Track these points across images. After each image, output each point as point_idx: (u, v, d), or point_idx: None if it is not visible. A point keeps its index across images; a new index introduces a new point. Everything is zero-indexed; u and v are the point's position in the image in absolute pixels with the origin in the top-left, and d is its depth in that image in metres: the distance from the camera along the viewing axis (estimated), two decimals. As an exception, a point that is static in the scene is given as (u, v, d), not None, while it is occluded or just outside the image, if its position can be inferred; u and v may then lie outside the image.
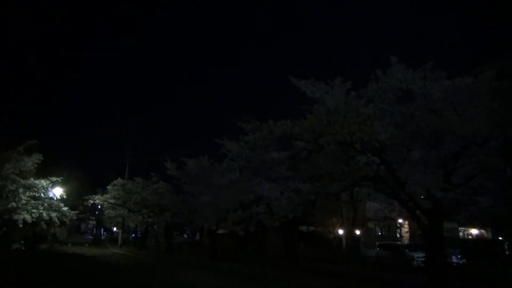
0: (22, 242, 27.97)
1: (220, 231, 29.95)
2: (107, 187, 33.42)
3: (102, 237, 42.27)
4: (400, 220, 30.76)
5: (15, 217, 27.15)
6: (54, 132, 71.80)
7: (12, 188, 26.93)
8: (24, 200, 27.16)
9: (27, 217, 27.27)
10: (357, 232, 30.11)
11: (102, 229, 43.28)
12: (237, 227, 25.26)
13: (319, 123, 13.34)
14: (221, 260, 23.40)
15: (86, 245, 36.95)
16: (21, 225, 28.52)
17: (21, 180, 27.25)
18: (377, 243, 27.45)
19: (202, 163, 25.26)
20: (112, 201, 32.91)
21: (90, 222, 43.85)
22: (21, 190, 27.28)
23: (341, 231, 29.46)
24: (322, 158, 15.24)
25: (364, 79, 13.19)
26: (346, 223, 27.46)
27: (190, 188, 26.35)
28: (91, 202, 35.27)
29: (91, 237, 42.16)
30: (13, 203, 26.73)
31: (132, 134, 70.18)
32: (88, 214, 41.42)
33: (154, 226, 33.46)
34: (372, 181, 14.77)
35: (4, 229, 28.69)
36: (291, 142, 14.81)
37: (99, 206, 37.00)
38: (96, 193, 34.52)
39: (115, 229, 40.67)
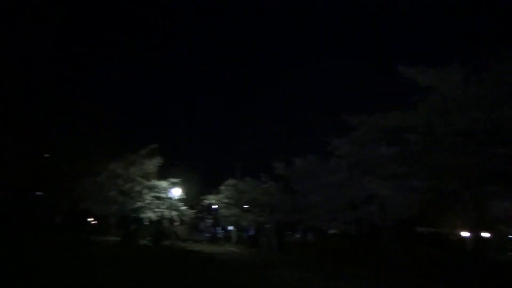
0: (149, 238, 30.42)
1: (332, 231, 29.26)
2: (220, 187, 34.88)
3: (219, 235, 44.26)
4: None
5: (142, 215, 29.76)
6: (172, 137, 77.38)
7: (138, 189, 29.56)
8: (148, 200, 29.61)
9: (152, 216, 29.73)
10: (486, 234, 26.98)
11: (218, 228, 45.33)
12: (349, 227, 24.39)
13: (434, 113, 12.13)
14: (332, 261, 22.76)
15: (204, 242, 39.03)
16: (147, 223, 31.17)
17: (145, 181, 29.76)
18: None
19: (310, 162, 24.95)
20: (225, 200, 34.29)
21: (207, 220, 46.22)
22: (145, 191, 29.81)
23: (465, 233, 26.67)
24: (438, 152, 13.83)
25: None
26: (470, 224, 24.75)
27: (299, 187, 26.22)
28: (207, 202, 37.09)
29: (208, 235, 44.46)
30: (139, 203, 29.34)
31: (242, 136, 72.79)
32: (205, 213, 43.78)
33: (266, 225, 33.96)
34: (500, 177, 12.98)
35: (133, 226, 31.54)
36: (402, 136, 13.72)
37: (214, 206, 38.78)
38: (211, 193, 36.23)
39: (230, 227, 42.27)
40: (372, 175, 20.01)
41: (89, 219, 39.59)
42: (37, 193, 37.41)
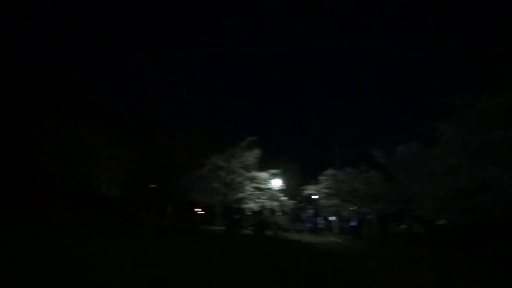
0: (251, 228, 31.41)
1: (441, 222, 27.42)
2: (319, 177, 34.66)
3: (320, 225, 44.10)
4: None
5: (244, 205, 30.81)
6: (271, 128, 78.53)
7: (239, 180, 30.65)
8: (249, 190, 30.53)
9: (253, 206, 30.63)
10: None
11: (320, 218, 45.15)
12: (460, 218, 22.60)
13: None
14: (442, 254, 21.32)
15: (306, 232, 39.18)
16: (249, 213, 32.22)
17: (245, 173, 30.72)
18: None
19: (413, 149, 23.60)
20: (325, 191, 34.02)
21: (308, 211, 46.27)
22: (246, 182, 30.79)
23: None
24: None
25: None
26: None
27: (402, 176, 24.97)
28: (307, 192, 37.13)
29: (310, 225, 44.49)
30: (241, 194, 30.40)
31: (340, 125, 71.26)
32: (305, 203, 43.87)
33: (369, 216, 33.02)
34: None
35: (236, 216, 32.82)
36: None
37: (314, 196, 38.68)
38: (310, 184, 36.19)
39: (332, 217, 41.85)
40: (485, 161, 18.27)
41: (196, 209, 42.15)
42: (151, 185, 40.86)
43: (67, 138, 27.87)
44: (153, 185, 41.12)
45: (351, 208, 32.79)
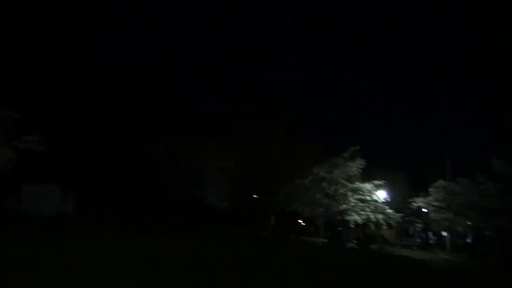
0: (355, 241, 30.58)
1: None
2: (429, 189, 32.57)
3: (430, 241, 41.24)
4: None
5: (347, 217, 30.14)
6: (375, 137, 75.78)
7: (342, 191, 30.16)
8: (353, 202, 29.82)
9: (357, 218, 29.81)
10: None
11: (430, 232, 42.28)
12: None
13: None
14: None
15: (414, 248, 36.98)
16: (352, 226, 31.42)
17: (348, 184, 30.10)
18: None
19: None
20: (435, 204, 31.82)
21: (417, 225, 43.61)
22: (349, 193, 30.15)
23: None
24: None
25: None
26: None
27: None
28: (415, 205, 35.14)
29: (419, 240, 41.85)
30: (344, 205, 29.83)
31: (452, 133, 66.25)
32: (413, 217, 41.47)
33: (487, 232, 30.08)
34: None
35: (339, 228, 32.20)
36: None
37: (424, 209, 36.41)
38: (418, 196, 34.19)
39: (444, 233, 38.93)
40: None
41: (299, 221, 42.25)
42: (255, 196, 42.08)
43: (176, 151, 29.96)
44: (256, 196, 42.26)
45: (465, 223, 30.21)
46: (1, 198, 25.20)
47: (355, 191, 30.16)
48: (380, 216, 29.80)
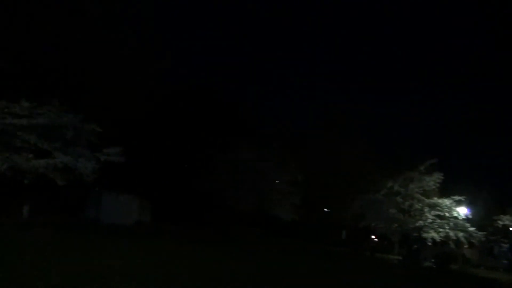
0: (433, 260, 28.85)
1: None
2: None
3: (520, 263, 37.75)
4: None
5: (424, 235, 28.51)
6: (454, 150, 71.28)
7: (418, 207, 28.67)
8: (430, 218, 28.19)
9: (435, 236, 28.12)
10: None
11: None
12: None
13: None
14: None
15: (501, 270, 34.06)
16: (430, 243, 29.66)
17: (425, 199, 28.52)
18: None
19: None
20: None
21: (503, 245, 40.17)
22: (426, 209, 28.56)
23: None
24: None
25: None
26: None
27: None
28: (501, 223, 32.50)
29: (505, 261, 38.48)
30: (420, 222, 28.29)
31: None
32: (499, 236, 38.28)
33: None
34: None
35: (415, 246, 30.56)
36: None
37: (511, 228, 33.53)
38: (505, 213, 31.59)
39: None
40: None
41: (372, 236, 40.75)
42: (325, 210, 41.33)
43: (245, 163, 30.20)
44: (327, 210, 41.46)
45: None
46: (84, 207, 27.06)
47: (433, 206, 28.47)
48: (460, 234, 27.78)
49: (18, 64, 14.85)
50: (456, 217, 28.20)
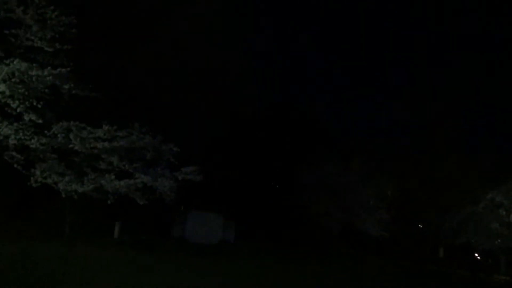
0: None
1: None
2: None
3: None
4: None
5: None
6: None
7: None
8: None
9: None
10: None
11: None
12: None
13: None
14: None
15: None
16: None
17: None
18: None
19: None
20: None
21: None
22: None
23: None
24: None
25: None
26: None
27: None
28: None
29: None
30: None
31: None
32: None
33: None
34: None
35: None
36: None
37: None
38: None
39: None
40: None
41: (475, 254, 37.13)
42: (419, 225, 38.64)
43: (331, 178, 29.32)
44: (420, 225, 38.68)
45: None
46: (170, 226, 27.96)
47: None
48: None
49: (100, 90, 15.78)
50: None
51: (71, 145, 15.12)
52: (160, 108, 23.27)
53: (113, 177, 15.36)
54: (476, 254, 36.97)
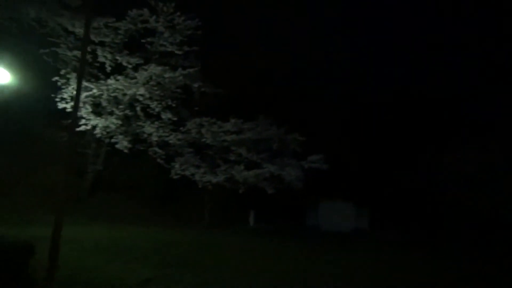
0: None
1: None
2: None
3: None
4: None
5: None
6: None
7: None
8: None
9: None
10: None
11: None
12: None
13: None
14: None
15: None
16: None
17: None
18: None
19: None
20: None
21: None
22: None
23: None
24: None
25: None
26: None
27: None
28: None
29: None
30: None
31: None
32: None
33: None
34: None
35: None
36: None
37: None
38: None
39: None
40: None
41: None
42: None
43: (469, 162, 26.53)
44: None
45: None
46: (304, 215, 28.32)
47: None
48: None
49: (228, 87, 16.75)
50: None
51: (203, 139, 16.38)
52: (284, 100, 23.67)
53: (242, 167, 16.17)
54: None
